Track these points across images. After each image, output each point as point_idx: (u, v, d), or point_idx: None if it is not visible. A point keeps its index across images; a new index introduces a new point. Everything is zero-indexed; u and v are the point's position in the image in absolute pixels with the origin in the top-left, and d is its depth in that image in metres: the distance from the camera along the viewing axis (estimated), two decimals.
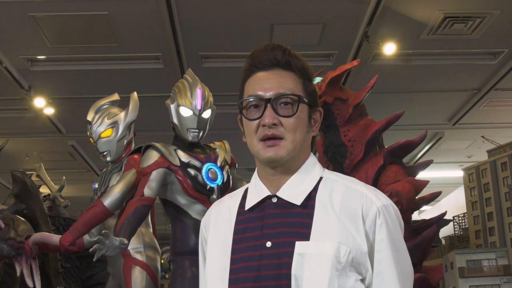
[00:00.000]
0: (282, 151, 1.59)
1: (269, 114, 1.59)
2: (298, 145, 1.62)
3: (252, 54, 1.68)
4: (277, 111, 1.60)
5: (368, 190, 1.64)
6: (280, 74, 1.64)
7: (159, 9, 6.32)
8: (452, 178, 12.37)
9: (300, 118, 1.62)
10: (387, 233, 1.58)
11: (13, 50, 7.11)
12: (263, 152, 1.60)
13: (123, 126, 4.15)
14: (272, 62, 1.64)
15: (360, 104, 3.84)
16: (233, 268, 1.59)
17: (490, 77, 8.31)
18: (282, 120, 1.60)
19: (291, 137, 1.60)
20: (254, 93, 1.63)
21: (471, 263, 9.31)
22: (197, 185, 3.61)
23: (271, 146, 1.60)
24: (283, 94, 1.61)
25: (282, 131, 1.60)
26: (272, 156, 1.59)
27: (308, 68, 1.68)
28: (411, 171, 3.80)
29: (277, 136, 1.59)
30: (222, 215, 1.72)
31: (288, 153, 1.60)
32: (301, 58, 1.67)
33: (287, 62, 1.64)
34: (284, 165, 1.63)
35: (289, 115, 1.60)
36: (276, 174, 1.64)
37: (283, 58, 1.64)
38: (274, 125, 1.59)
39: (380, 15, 6.53)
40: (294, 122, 1.61)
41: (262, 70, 1.65)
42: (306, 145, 1.67)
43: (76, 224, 3.62)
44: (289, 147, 1.60)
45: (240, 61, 7.41)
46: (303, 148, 1.66)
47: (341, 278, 1.53)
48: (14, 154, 9.98)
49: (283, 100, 1.61)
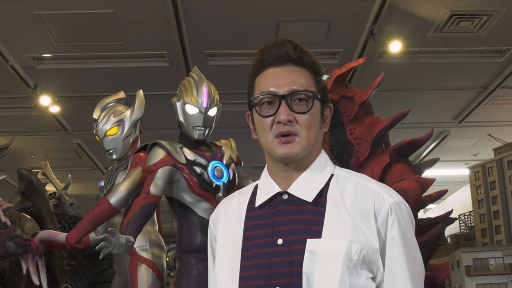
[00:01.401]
0: (297, 147, 1.59)
1: (284, 111, 1.58)
2: (312, 142, 1.62)
3: (262, 50, 1.66)
4: (292, 108, 1.59)
5: (380, 187, 1.64)
6: (293, 70, 1.63)
7: (164, 7, 6.32)
8: (458, 176, 12.33)
9: (314, 115, 1.62)
10: (399, 231, 1.58)
11: (19, 48, 7.12)
12: (278, 149, 1.60)
13: (129, 124, 4.16)
14: (284, 58, 1.63)
15: (366, 102, 3.83)
16: (244, 265, 1.59)
17: (496, 75, 8.28)
18: (297, 117, 1.59)
19: (306, 133, 1.60)
20: (267, 89, 1.62)
21: (478, 262, 9.29)
22: (203, 183, 3.61)
23: (286, 143, 1.59)
24: (297, 90, 1.60)
25: (297, 128, 1.59)
26: (288, 153, 1.59)
27: (318, 64, 1.67)
28: (417, 169, 3.79)
29: (292, 133, 1.59)
30: (232, 212, 1.72)
31: (303, 149, 1.60)
32: (311, 53, 1.67)
33: (299, 58, 1.63)
34: (297, 162, 1.63)
35: (304, 112, 1.60)
36: (288, 170, 1.64)
37: (295, 54, 1.63)
38: (289, 122, 1.58)
39: (386, 13, 6.52)
40: (309, 119, 1.60)
41: (273, 66, 1.64)
42: (319, 141, 1.67)
43: (82, 222, 3.63)
44: (304, 144, 1.60)
45: (246, 59, 7.40)
46: (316, 145, 1.65)
47: (353, 276, 1.53)
48: (20, 152, 9.99)
49: (297, 96, 1.60)
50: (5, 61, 7.29)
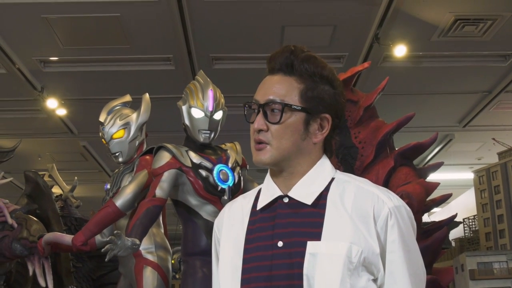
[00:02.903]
0: (266, 155, 1.64)
1: (257, 120, 1.65)
2: (285, 152, 1.64)
3: (269, 56, 1.72)
4: (267, 117, 1.64)
5: (380, 191, 1.65)
6: (279, 79, 1.67)
7: (170, 11, 6.35)
8: (462, 180, 12.32)
9: (289, 125, 1.64)
10: (398, 234, 1.59)
11: (26, 51, 7.16)
12: (253, 155, 1.66)
13: (135, 127, 4.18)
14: (275, 67, 1.68)
15: (371, 106, 3.84)
16: (245, 268, 1.61)
17: (500, 79, 8.28)
18: (269, 126, 1.64)
19: (276, 143, 1.63)
20: (255, 97, 1.68)
21: (482, 266, 9.26)
22: (208, 186, 3.63)
23: (258, 150, 1.65)
24: (272, 101, 1.64)
25: (268, 137, 1.64)
26: (257, 160, 1.65)
27: (318, 72, 1.67)
28: (422, 173, 3.79)
29: (263, 141, 1.64)
30: (235, 215, 1.74)
31: (272, 158, 1.64)
32: (315, 61, 1.67)
33: (290, 66, 1.66)
34: (284, 169, 1.66)
35: (275, 122, 1.63)
36: (282, 175, 1.68)
37: (285, 61, 1.66)
38: (261, 130, 1.64)
39: (391, 17, 6.53)
40: (279, 129, 1.63)
41: (269, 73, 1.70)
42: (306, 151, 1.67)
43: (88, 224, 3.64)
44: (274, 153, 1.64)
45: (251, 63, 7.44)
46: (301, 154, 1.66)
47: (353, 278, 1.54)
48: (26, 155, 10.03)
49: (272, 106, 1.64)
50: (12, 64, 7.33)
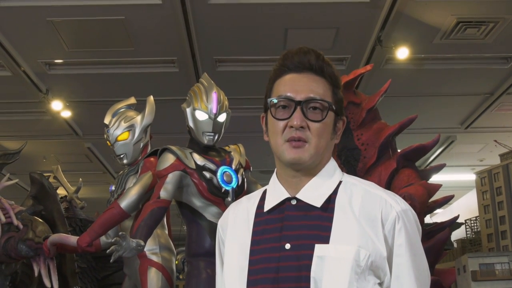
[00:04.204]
0: (305, 154, 1.61)
1: (298, 116, 1.61)
2: (320, 151, 1.64)
3: (285, 55, 1.69)
4: (306, 115, 1.62)
5: (387, 195, 1.66)
6: (312, 78, 1.66)
7: (175, 14, 6.37)
8: (464, 181, 12.31)
9: (327, 124, 1.64)
10: (406, 238, 1.60)
11: (31, 54, 7.18)
12: (287, 153, 1.62)
13: (139, 129, 4.20)
14: (305, 66, 1.66)
15: (373, 108, 3.86)
16: (252, 269, 1.61)
17: (502, 82, 8.29)
18: (309, 124, 1.62)
19: (316, 142, 1.62)
20: (284, 94, 1.65)
21: (484, 267, 9.24)
22: (212, 188, 3.65)
23: (296, 148, 1.61)
24: (314, 98, 1.63)
25: (308, 135, 1.62)
26: (296, 158, 1.61)
27: (338, 77, 1.70)
28: (424, 175, 3.81)
29: (303, 139, 1.61)
30: (240, 216, 1.74)
31: (311, 157, 1.62)
32: (333, 66, 1.70)
33: (320, 68, 1.66)
34: (306, 168, 1.65)
35: (318, 120, 1.62)
36: (296, 176, 1.66)
37: (316, 63, 1.66)
38: (301, 128, 1.61)
39: (393, 20, 6.54)
40: (321, 128, 1.63)
41: (294, 72, 1.67)
42: (328, 151, 1.69)
43: (93, 225, 3.66)
44: (312, 152, 1.62)
45: (254, 65, 7.46)
46: (325, 154, 1.67)
47: (360, 281, 1.55)
48: (31, 156, 10.05)
49: (312, 104, 1.63)
50: (17, 67, 7.36)
